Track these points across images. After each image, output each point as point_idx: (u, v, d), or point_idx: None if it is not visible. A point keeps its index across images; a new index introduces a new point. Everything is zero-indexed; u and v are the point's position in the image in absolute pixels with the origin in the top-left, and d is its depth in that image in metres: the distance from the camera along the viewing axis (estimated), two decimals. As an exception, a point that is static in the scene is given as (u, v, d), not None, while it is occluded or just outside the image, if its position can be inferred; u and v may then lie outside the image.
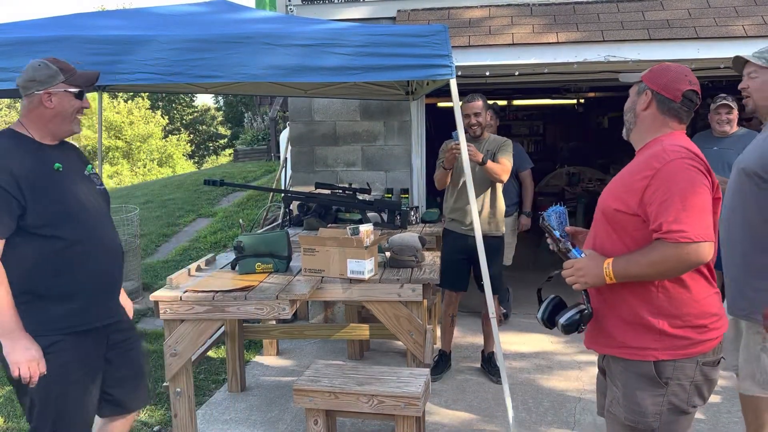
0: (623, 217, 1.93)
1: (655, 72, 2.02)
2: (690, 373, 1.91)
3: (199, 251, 7.37)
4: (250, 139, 16.07)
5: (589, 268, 1.95)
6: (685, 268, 1.83)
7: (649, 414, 1.93)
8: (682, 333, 1.89)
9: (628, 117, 2.09)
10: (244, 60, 2.79)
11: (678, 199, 1.80)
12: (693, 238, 1.78)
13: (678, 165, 1.84)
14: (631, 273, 1.87)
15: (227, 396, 3.97)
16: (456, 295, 4.22)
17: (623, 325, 1.96)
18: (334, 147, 5.51)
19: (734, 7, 4.67)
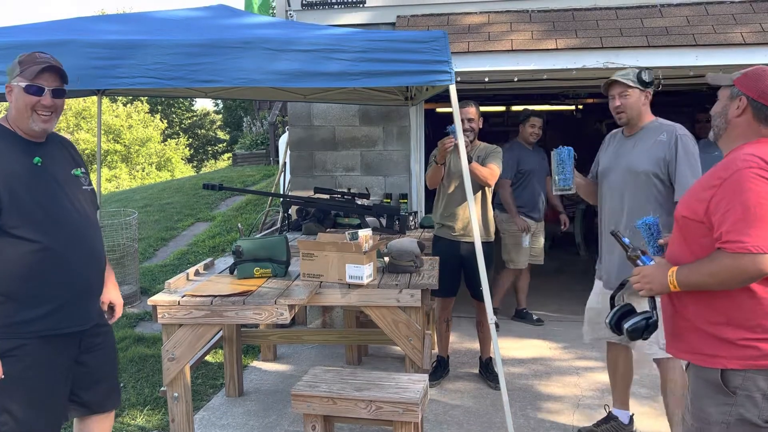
0: (691, 224, 1.94)
1: (751, 77, 1.95)
2: (763, 386, 1.83)
3: (198, 255, 7.36)
4: (249, 143, 16.08)
5: (655, 276, 1.99)
6: (745, 280, 1.81)
7: (714, 423, 1.89)
8: (753, 344, 1.84)
9: (718, 122, 2.03)
10: (245, 65, 2.79)
11: (740, 209, 1.79)
12: (751, 250, 1.76)
13: (745, 174, 1.81)
14: (692, 281, 1.89)
15: (225, 401, 3.96)
16: (449, 301, 4.22)
17: (693, 331, 1.95)
18: (333, 152, 5.52)
19: (732, 14, 4.69)
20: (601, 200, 3.18)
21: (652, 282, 1.99)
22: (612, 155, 3.13)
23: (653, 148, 2.94)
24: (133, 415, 3.80)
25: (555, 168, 3.08)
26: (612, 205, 3.09)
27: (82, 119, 23.75)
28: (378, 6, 5.23)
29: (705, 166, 4.78)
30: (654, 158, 2.92)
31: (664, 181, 2.93)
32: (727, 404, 1.87)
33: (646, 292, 2.02)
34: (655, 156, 2.92)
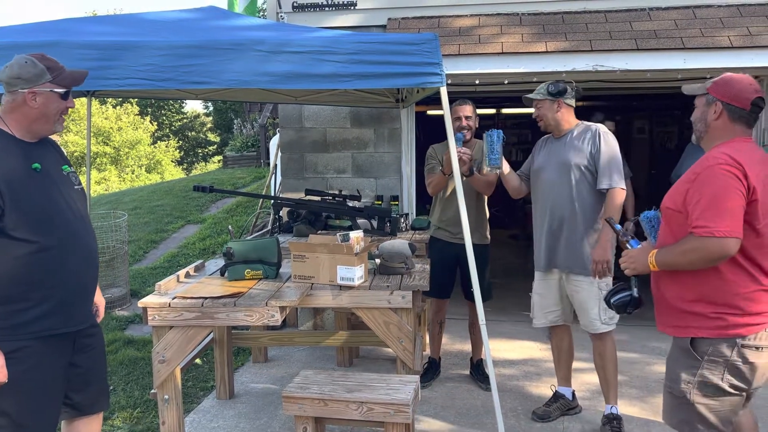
0: (674, 215, 2.23)
1: (722, 84, 2.24)
2: (726, 353, 2.15)
3: (188, 258, 7.33)
4: (239, 145, 16.04)
5: (639, 257, 2.31)
6: (711, 260, 2.09)
7: (681, 381, 2.22)
8: (720, 316, 2.15)
9: (700, 126, 2.31)
10: (236, 67, 2.79)
11: (708, 199, 2.08)
12: (715, 234, 2.05)
13: (714, 170, 2.10)
14: (667, 261, 2.20)
15: (216, 403, 3.95)
16: (444, 302, 4.24)
17: (672, 308, 2.27)
18: (324, 154, 5.52)
19: (720, 18, 4.74)
20: (536, 194, 3.55)
21: (636, 262, 2.32)
22: (545, 155, 3.52)
23: (581, 144, 3.37)
24: (123, 417, 3.78)
25: (486, 149, 3.45)
26: (547, 196, 3.45)
27: (71, 121, 23.60)
28: (369, 8, 5.25)
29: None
30: (582, 153, 3.35)
31: (593, 172, 3.34)
32: (693, 367, 2.20)
33: (630, 271, 2.35)
34: (583, 151, 3.35)
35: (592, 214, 3.37)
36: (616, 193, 3.28)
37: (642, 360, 4.60)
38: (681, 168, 5.02)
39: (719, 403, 2.19)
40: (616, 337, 3.50)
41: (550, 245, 3.45)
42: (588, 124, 3.47)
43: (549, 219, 3.44)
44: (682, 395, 2.23)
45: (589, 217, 3.37)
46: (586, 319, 3.41)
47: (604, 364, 3.45)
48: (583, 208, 3.36)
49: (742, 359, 2.14)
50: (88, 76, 2.73)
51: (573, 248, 3.37)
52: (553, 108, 3.41)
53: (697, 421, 2.22)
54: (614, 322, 3.38)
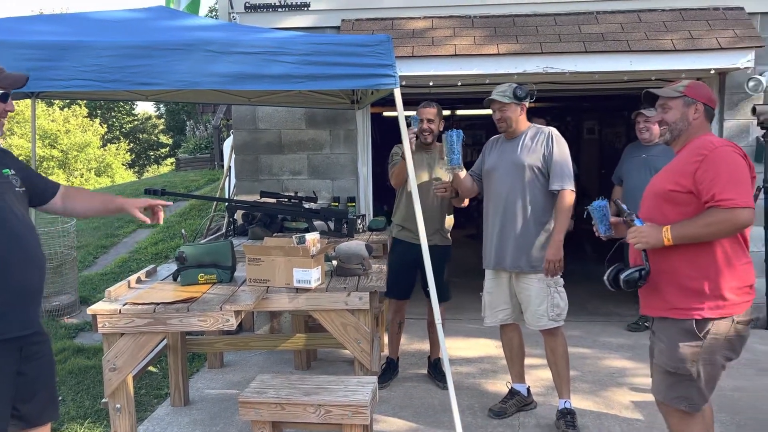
0: (677, 195, 2.38)
1: (697, 88, 2.50)
2: (725, 330, 2.34)
3: (140, 263, 7.17)
4: (192, 147, 15.77)
5: (651, 232, 2.39)
6: (735, 230, 2.29)
7: (688, 361, 2.36)
8: (725, 298, 2.32)
9: (680, 125, 2.49)
10: (186, 67, 2.74)
11: (726, 175, 2.26)
12: (740, 204, 2.23)
13: (724, 150, 2.33)
14: (688, 234, 2.31)
15: (170, 411, 3.87)
16: (404, 303, 4.26)
17: (674, 289, 2.39)
18: (279, 155, 5.47)
19: (663, 22, 4.90)
20: (488, 194, 3.60)
21: (648, 237, 2.38)
22: (497, 156, 3.55)
23: (535, 146, 3.43)
24: (72, 428, 3.67)
25: (446, 149, 3.45)
26: (499, 196, 3.50)
27: (15, 123, 22.75)
28: (323, 9, 5.23)
29: (636, 167, 5.00)
30: (535, 154, 3.42)
31: (545, 173, 3.42)
32: (698, 346, 2.35)
33: (642, 245, 2.41)
34: (537, 153, 3.42)
35: (543, 214, 3.44)
36: (567, 195, 3.37)
37: (593, 355, 4.71)
38: (621, 168, 5.16)
39: (714, 375, 2.40)
40: (568, 333, 3.58)
41: (501, 244, 3.49)
42: (540, 126, 3.54)
43: (501, 218, 3.49)
44: (687, 373, 2.38)
45: (539, 217, 3.43)
46: (533, 316, 3.47)
47: (556, 360, 3.52)
48: (535, 208, 3.42)
49: (736, 334, 2.36)
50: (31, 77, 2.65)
51: (523, 247, 3.42)
52: (517, 111, 3.46)
53: (696, 395, 2.41)
54: (562, 319, 3.46)
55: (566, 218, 3.38)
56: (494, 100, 3.44)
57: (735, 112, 5.11)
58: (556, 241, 3.35)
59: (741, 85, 4.97)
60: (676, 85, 2.54)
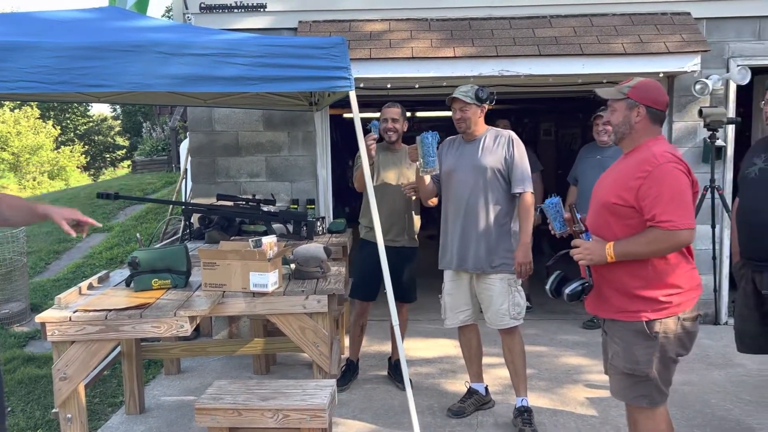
0: (620, 209, 2.42)
1: (642, 89, 2.46)
2: (674, 328, 2.42)
3: (94, 268, 6.99)
4: (149, 149, 15.46)
5: (595, 249, 2.43)
6: (673, 249, 2.35)
7: (643, 362, 2.43)
8: (666, 298, 2.40)
9: (623, 129, 2.50)
10: (137, 69, 2.68)
11: (668, 196, 2.30)
12: (680, 226, 2.29)
13: (667, 168, 2.34)
14: (629, 252, 2.38)
15: (125, 419, 3.79)
16: (368, 305, 4.24)
17: (620, 295, 2.46)
18: (236, 158, 5.41)
19: (614, 26, 5.02)
20: (447, 195, 3.60)
21: (593, 254, 2.43)
22: (456, 157, 3.56)
23: (496, 149, 3.47)
24: (22, 441, 3.56)
25: (422, 151, 3.42)
26: (460, 197, 3.51)
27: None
28: (279, 11, 5.20)
29: (591, 168, 5.12)
30: (497, 157, 3.46)
31: (505, 176, 3.46)
32: (651, 346, 2.42)
33: (586, 262, 2.46)
34: (498, 156, 3.46)
35: (504, 215, 3.48)
36: (529, 197, 3.45)
37: (550, 353, 4.79)
38: (576, 169, 5.28)
39: (668, 371, 2.48)
40: (525, 332, 3.64)
41: (463, 246, 3.51)
42: (498, 129, 3.58)
43: (462, 220, 3.50)
44: (643, 374, 2.44)
45: (500, 219, 3.47)
46: (494, 315, 3.51)
47: (513, 359, 3.57)
48: (496, 209, 3.46)
49: (684, 331, 2.44)
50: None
51: (485, 249, 3.45)
52: (477, 113, 3.49)
53: (655, 393, 2.48)
54: (522, 317, 3.52)
55: (531, 220, 3.45)
56: (457, 99, 3.46)
57: (683, 114, 5.27)
58: (524, 244, 3.41)
59: (688, 88, 5.13)
60: (624, 85, 2.51)
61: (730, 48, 5.20)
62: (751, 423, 3.57)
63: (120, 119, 32.17)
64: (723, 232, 5.30)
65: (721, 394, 3.97)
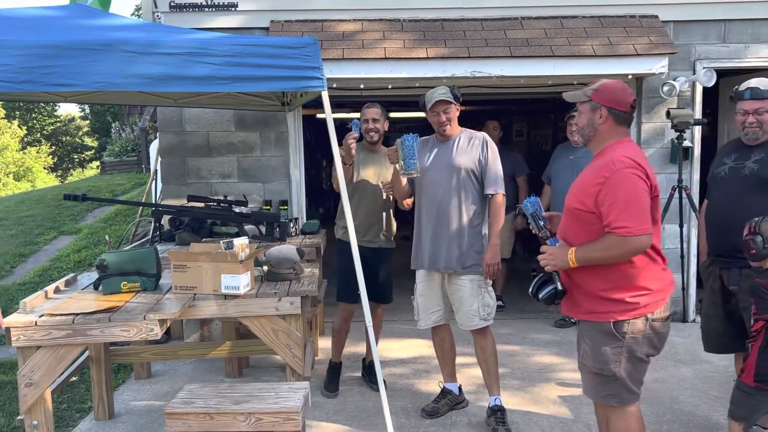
0: (582, 214, 2.47)
1: (603, 91, 2.48)
2: (642, 328, 2.45)
3: (61, 271, 6.85)
4: (118, 150, 15.20)
5: (558, 255, 2.49)
6: (630, 254, 2.37)
7: (611, 362, 2.48)
8: (634, 299, 2.43)
9: (588, 131, 2.55)
10: (104, 68, 2.64)
11: (623, 203, 2.33)
12: (633, 233, 2.32)
13: (623, 174, 2.36)
14: (589, 257, 2.42)
15: (93, 425, 3.71)
16: (354, 307, 4.11)
17: (588, 297, 2.50)
18: (207, 158, 5.35)
19: (584, 28, 5.09)
20: (421, 195, 3.60)
21: (556, 259, 2.50)
22: (429, 157, 3.55)
23: (470, 150, 3.49)
24: (-14, 449, 3.47)
25: (403, 154, 3.39)
26: (433, 197, 3.50)
27: None
28: (251, 10, 5.15)
29: (564, 167, 5.18)
30: (471, 158, 3.47)
31: (478, 177, 3.48)
32: (618, 346, 2.46)
33: (550, 268, 2.52)
34: (472, 156, 3.47)
35: (476, 216, 3.49)
36: (501, 198, 3.47)
37: (523, 351, 4.83)
38: (550, 168, 5.34)
39: (637, 371, 2.52)
40: (499, 331, 3.66)
41: (435, 246, 3.51)
42: (471, 131, 3.58)
43: (435, 220, 3.50)
44: (611, 374, 2.49)
45: (473, 219, 3.48)
46: (465, 316, 3.52)
47: (486, 358, 3.58)
48: (468, 210, 3.47)
49: (653, 331, 2.47)
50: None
51: (457, 249, 3.46)
52: (456, 112, 3.51)
53: (624, 391, 2.52)
54: (492, 318, 3.53)
55: (501, 222, 3.46)
56: (442, 101, 3.43)
57: (651, 115, 5.36)
58: (493, 245, 3.43)
59: (656, 90, 5.22)
60: (588, 87, 2.54)
61: (696, 50, 5.30)
62: (718, 419, 3.64)
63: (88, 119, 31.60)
64: (691, 232, 5.40)
65: (689, 390, 4.04)
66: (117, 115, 21.53)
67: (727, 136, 6.14)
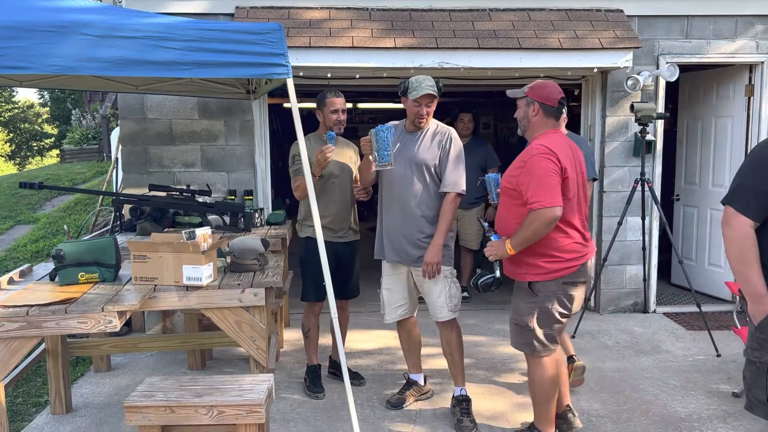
0: (511, 192, 2.94)
1: (536, 88, 2.97)
2: (554, 289, 2.95)
3: (18, 262, 6.65)
4: (78, 138, 14.80)
5: (499, 247, 2.98)
6: (547, 224, 2.80)
7: (525, 314, 2.99)
8: (547, 265, 2.92)
9: (524, 123, 3.04)
10: (59, 51, 2.53)
11: (536, 181, 2.80)
12: (545, 205, 2.77)
13: (536, 158, 2.83)
14: (520, 240, 2.87)
15: (50, 419, 3.61)
16: (321, 305, 4.02)
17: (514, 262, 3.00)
18: (170, 146, 5.23)
19: (551, 21, 5.11)
20: (382, 184, 3.55)
21: (497, 250, 2.98)
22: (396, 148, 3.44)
23: (432, 146, 3.43)
24: (-65, 446, 3.34)
25: (377, 145, 3.33)
26: (396, 190, 3.46)
27: None
28: (216, -5, 5.04)
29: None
30: (433, 154, 3.42)
31: (438, 173, 3.43)
32: (532, 302, 2.97)
33: (494, 258, 3.02)
34: (434, 153, 3.42)
35: (437, 210, 3.43)
36: (454, 198, 3.40)
37: (488, 342, 4.86)
38: None
39: (549, 327, 2.98)
40: (465, 322, 3.66)
41: (398, 239, 3.47)
42: (439, 124, 3.51)
43: (396, 212, 3.47)
44: (525, 324, 2.99)
45: (433, 214, 3.42)
46: (433, 308, 3.51)
47: (451, 350, 3.58)
48: (429, 205, 3.42)
49: (564, 293, 2.94)
50: None
51: (418, 243, 3.43)
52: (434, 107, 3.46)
53: (537, 343, 3.00)
54: (458, 309, 3.53)
55: (450, 221, 3.39)
56: (429, 95, 3.35)
57: (616, 109, 5.42)
58: (435, 244, 3.36)
59: (621, 84, 5.28)
60: (526, 86, 2.99)
61: (660, 45, 5.38)
62: (676, 407, 3.72)
63: (48, 106, 30.72)
64: (652, 224, 5.50)
65: (650, 380, 4.12)
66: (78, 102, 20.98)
67: (686, 130, 6.26)
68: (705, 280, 6.03)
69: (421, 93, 3.33)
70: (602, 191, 5.52)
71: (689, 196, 6.25)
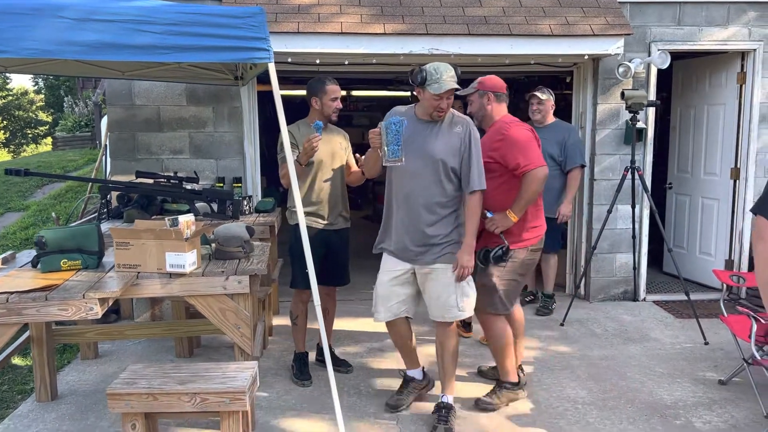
0: (491, 165, 3.28)
1: (485, 81, 3.43)
2: (522, 256, 3.40)
3: (6, 249, 6.62)
4: (71, 125, 14.72)
5: (500, 218, 3.33)
6: (542, 182, 3.27)
7: (494, 275, 3.38)
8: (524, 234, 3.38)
9: (480, 113, 3.44)
10: (35, 34, 2.49)
11: (519, 148, 3.25)
12: (536, 164, 3.23)
13: (514, 129, 3.31)
14: (521, 205, 3.28)
15: (35, 407, 3.60)
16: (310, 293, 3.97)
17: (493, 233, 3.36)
18: (158, 133, 5.19)
19: (542, 7, 5.06)
20: (391, 176, 3.31)
21: (500, 222, 3.33)
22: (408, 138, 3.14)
23: (451, 139, 3.16)
24: None
25: (387, 139, 3.06)
26: (405, 184, 3.22)
27: None
28: (203, -20, 4.97)
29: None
30: (451, 148, 3.15)
31: (456, 169, 3.17)
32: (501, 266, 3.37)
33: (498, 230, 3.32)
34: (452, 146, 3.16)
35: (450, 206, 3.22)
36: (479, 196, 3.18)
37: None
38: None
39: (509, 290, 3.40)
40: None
41: (403, 236, 3.26)
42: (455, 113, 3.25)
43: (405, 210, 3.23)
44: (492, 285, 3.36)
45: (446, 210, 3.21)
46: (442, 308, 3.27)
47: (443, 354, 3.37)
48: (441, 201, 3.19)
49: (530, 258, 3.42)
50: None
51: (429, 242, 3.21)
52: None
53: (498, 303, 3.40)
54: (470, 309, 3.32)
55: (478, 220, 3.20)
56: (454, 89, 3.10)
57: (607, 96, 5.39)
58: (469, 245, 3.17)
59: (612, 71, 5.25)
60: (474, 83, 3.40)
61: (651, 32, 5.34)
62: (662, 394, 3.72)
63: (42, 93, 30.53)
64: (642, 212, 5.49)
65: (636, 367, 4.12)
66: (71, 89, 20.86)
67: (679, 118, 6.24)
68: (696, 268, 6.03)
69: (445, 88, 3.06)
70: (593, 179, 5.50)
71: (682, 184, 6.24)
